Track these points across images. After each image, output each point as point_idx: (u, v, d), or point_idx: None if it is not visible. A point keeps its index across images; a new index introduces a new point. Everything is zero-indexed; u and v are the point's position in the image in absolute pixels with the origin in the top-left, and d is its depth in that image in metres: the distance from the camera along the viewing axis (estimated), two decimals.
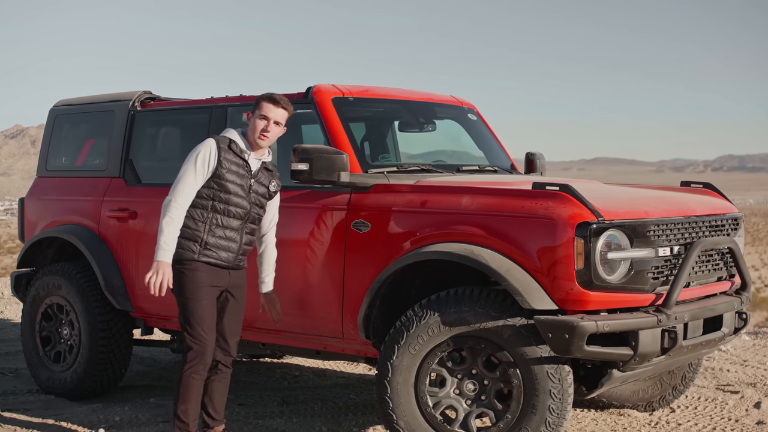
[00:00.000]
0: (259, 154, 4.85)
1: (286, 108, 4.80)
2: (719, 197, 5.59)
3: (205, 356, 4.75)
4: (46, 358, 6.77)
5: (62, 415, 6.13)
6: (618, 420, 5.90)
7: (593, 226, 4.44)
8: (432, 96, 6.35)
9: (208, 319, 4.76)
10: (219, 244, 4.75)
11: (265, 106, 4.75)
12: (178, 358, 8.15)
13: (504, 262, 4.60)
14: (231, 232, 4.77)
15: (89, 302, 6.43)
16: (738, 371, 7.34)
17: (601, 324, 4.42)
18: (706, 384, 6.89)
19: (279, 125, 4.80)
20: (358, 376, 7.43)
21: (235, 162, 4.75)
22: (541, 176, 6.38)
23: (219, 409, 5.03)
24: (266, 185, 4.89)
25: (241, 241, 4.82)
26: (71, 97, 7.21)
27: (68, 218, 6.76)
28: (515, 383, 4.62)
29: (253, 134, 4.77)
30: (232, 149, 4.75)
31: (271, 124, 4.75)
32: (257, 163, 4.86)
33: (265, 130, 4.74)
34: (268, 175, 4.92)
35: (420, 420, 4.81)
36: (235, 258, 4.83)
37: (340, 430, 5.76)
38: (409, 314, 4.81)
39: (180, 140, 6.47)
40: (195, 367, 4.74)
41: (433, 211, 4.94)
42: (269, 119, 4.75)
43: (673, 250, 4.74)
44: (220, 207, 4.73)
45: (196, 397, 4.79)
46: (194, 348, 4.74)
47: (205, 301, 4.76)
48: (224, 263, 4.79)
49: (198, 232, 4.72)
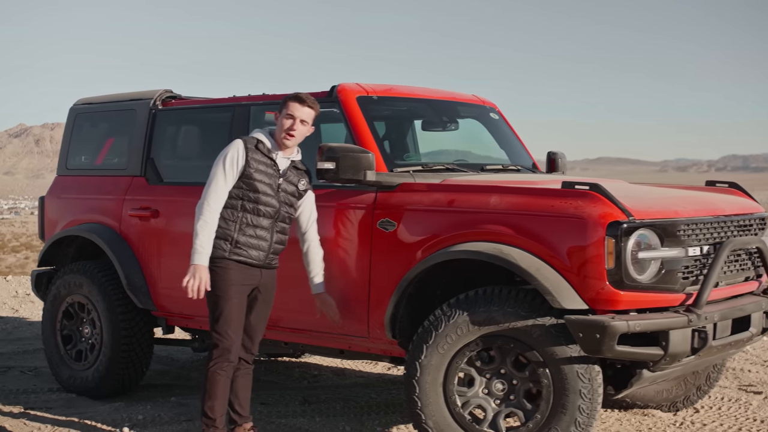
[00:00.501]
0: (287, 153, 4.88)
1: (312, 107, 4.84)
2: (745, 197, 5.57)
3: (231, 354, 4.79)
4: (67, 356, 6.77)
5: (85, 413, 6.13)
6: (642, 420, 5.88)
7: (624, 225, 4.42)
8: (454, 95, 6.34)
9: (236, 318, 4.80)
10: (249, 243, 4.78)
11: (292, 105, 4.80)
12: (197, 357, 8.16)
13: (534, 262, 4.58)
14: (261, 231, 4.80)
15: (111, 301, 6.43)
16: (759, 371, 7.32)
17: (632, 324, 4.40)
18: (728, 384, 6.87)
19: (305, 124, 4.84)
20: (377, 375, 7.42)
21: (263, 162, 4.79)
22: (563, 175, 6.35)
23: (245, 406, 5.05)
24: (295, 184, 4.92)
25: (271, 240, 4.85)
26: (91, 96, 7.21)
27: (89, 217, 6.75)
28: (545, 383, 4.60)
29: (279, 133, 4.83)
30: (259, 149, 4.80)
31: (297, 122, 4.79)
32: (286, 162, 4.89)
33: (291, 129, 4.79)
34: (297, 173, 4.95)
35: (448, 419, 4.79)
36: (265, 257, 4.86)
37: (363, 429, 5.75)
38: (438, 314, 4.80)
39: (202, 139, 6.46)
40: (220, 364, 4.78)
41: (461, 210, 4.92)
42: (295, 118, 4.79)
43: (702, 250, 4.71)
44: (250, 206, 4.77)
45: (223, 393, 4.81)
46: (220, 345, 4.78)
47: (235, 300, 4.78)
48: (255, 262, 4.82)
49: (228, 231, 4.77)
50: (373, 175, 5.16)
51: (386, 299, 5.09)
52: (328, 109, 5.61)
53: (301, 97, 4.81)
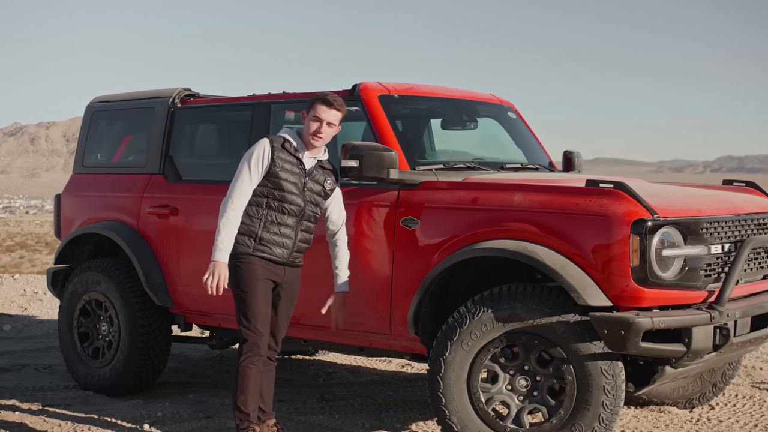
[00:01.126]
0: (314, 153, 4.93)
1: (340, 109, 4.89)
2: (763, 195, 5.62)
3: (260, 348, 4.83)
4: (84, 354, 6.79)
5: (104, 410, 6.16)
6: (659, 417, 5.93)
7: (648, 223, 4.47)
8: (473, 94, 6.38)
9: (263, 312, 4.84)
10: (273, 240, 4.83)
11: (319, 108, 4.85)
12: (210, 354, 8.19)
13: (558, 259, 4.63)
14: (286, 229, 4.85)
15: (129, 298, 6.46)
16: None
17: (656, 320, 4.44)
18: (741, 382, 6.92)
19: (332, 126, 4.89)
20: (392, 373, 7.46)
21: (289, 161, 4.83)
22: (582, 174, 6.40)
23: (268, 402, 5.06)
24: (321, 183, 4.95)
25: (295, 238, 4.89)
26: (108, 94, 7.23)
27: (106, 214, 6.78)
28: (568, 379, 4.65)
29: (307, 135, 4.87)
30: (285, 148, 4.84)
31: (324, 125, 4.84)
32: (312, 162, 4.93)
33: (318, 132, 4.84)
34: (323, 173, 4.98)
35: (472, 415, 4.83)
36: (289, 255, 4.90)
37: (382, 426, 5.79)
38: (462, 310, 4.84)
39: (222, 137, 6.49)
40: (251, 358, 4.80)
41: (485, 208, 4.96)
42: (322, 121, 4.84)
43: (724, 248, 4.76)
44: (275, 204, 4.81)
45: (254, 388, 4.84)
46: (249, 340, 4.81)
47: (261, 295, 4.83)
48: (278, 259, 4.86)
49: (253, 227, 4.82)
50: (396, 173, 5.19)
51: (409, 296, 5.13)
52: (349, 108, 5.66)
53: (328, 100, 4.85)
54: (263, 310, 4.84)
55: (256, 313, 4.81)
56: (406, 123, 5.87)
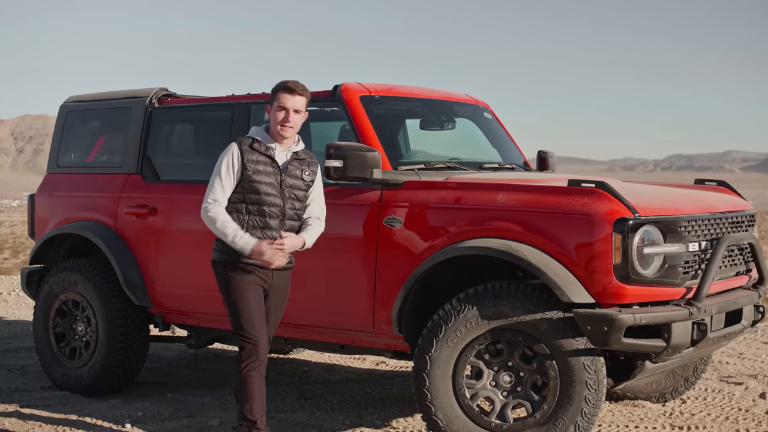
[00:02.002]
0: (286, 145, 4.76)
1: (303, 94, 4.72)
2: (734, 194, 5.77)
3: (260, 353, 4.70)
4: (60, 354, 6.77)
5: (83, 410, 6.15)
6: (633, 411, 6.06)
7: (630, 222, 4.59)
8: (450, 95, 6.47)
9: (256, 317, 4.71)
10: None
11: (282, 96, 4.68)
12: (184, 354, 8.20)
13: (542, 257, 4.73)
14: (269, 232, 4.69)
15: (107, 298, 6.45)
16: (737, 363, 7.56)
17: (638, 317, 4.57)
18: (709, 376, 7.09)
19: (299, 113, 4.71)
20: (367, 370, 7.52)
21: (261, 161, 4.68)
22: (559, 174, 6.51)
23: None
24: (300, 176, 4.78)
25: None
26: (82, 93, 7.21)
27: (83, 215, 6.76)
28: (552, 375, 4.75)
29: (275, 127, 4.70)
30: (254, 149, 4.69)
31: (291, 113, 4.67)
32: (287, 155, 4.76)
33: (285, 121, 4.67)
34: (299, 164, 4.79)
35: (458, 411, 4.92)
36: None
37: (363, 423, 5.85)
38: (447, 308, 4.92)
39: (201, 137, 6.51)
40: (251, 364, 4.68)
41: (468, 207, 5.04)
42: (288, 109, 4.67)
43: (701, 246, 4.90)
44: (254, 208, 4.66)
45: (259, 394, 4.71)
46: (247, 347, 4.69)
47: (252, 300, 4.71)
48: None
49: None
50: (379, 173, 5.26)
51: (392, 294, 5.20)
52: (330, 108, 5.73)
53: (289, 87, 4.68)
54: (257, 315, 4.71)
55: (249, 318, 4.69)
56: (386, 123, 5.93)
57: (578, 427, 4.74)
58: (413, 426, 5.77)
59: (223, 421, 5.86)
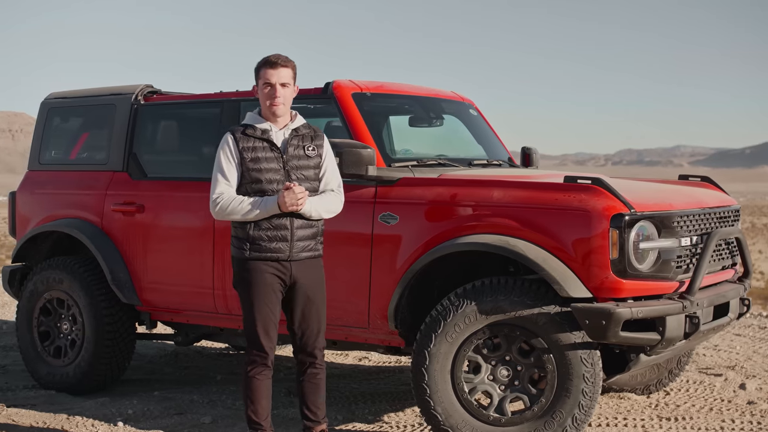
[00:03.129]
0: (281, 123, 4.54)
1: (287, 65, 4.49)
2: (718, 190, 5.90)
3: (267, 359, 4.59)
4: (45, 353, 6.71)
5: (72, 409, 6.11)
6: (620, 403, 6.17)
7: (626, 217, 4.68)
8: (437, 92, 6.52)
9: (267, 322, 4.53)
10: (268, 236, 4.45)
11: (266, 72, 4.47)
12: (164, 351, 8.17)
13: (540, 253, 4.80)
14: (278, 220, 4.43)
15: (94, 296, 6.41)
16: (714, 355, 7.72)
17: (635, 310, 4.66)
18: (689, 368, 7.22)
19: (287, 86, 4.49)
20: (351, 366, 7.56)
21: (258, 147, 4.47)
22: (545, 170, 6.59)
23: (314, 410, 4.73)
24: (303, 154, 4.53)
25: (292, 227, 4.46)
26: (64, 90, 7.15)
27: (67, 212, 6.71)
28: (549, 368, 4.83)
29: (264, 105, 4.50)
30: (248, 134, 4.49)
31: (277, 88, 4.45)
32: (284, 134, 4.53)
33: (273, 96, 4.45)
34: (300, 140, 4.54)
35: (456, 405, 4.98)
36: (290, 247, 4.48)
37: (355, 418, 5.89)
38: (446, 303, 4.97)
39: (189, 134, 6.46)
40: (255, 368, 4.59)
41: (464, 203, 5.10)
42: (273, 84, 4.45)
43: (692, 240, 5.01)
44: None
45: (264, 395, 4.62)
46: (253, 350, 4.59)
47: (265, 306, 4.51)
48: (280, 255, 4.47)
49: (244, 229, 4.48)
50: (374, 170, 5.29)
51: (389, 291, 5.24)
52: (323, 106, 5.76)
53: (270, 60, 4.47)
54: (267, 320, 4.53)
55: (258, 323, 4.52)
56: (377, 120, 5.97)
57: (575, 420, 4.82)
58: (405, 420, 5.82)
59: (215, 418, 5.87)
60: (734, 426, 5.63)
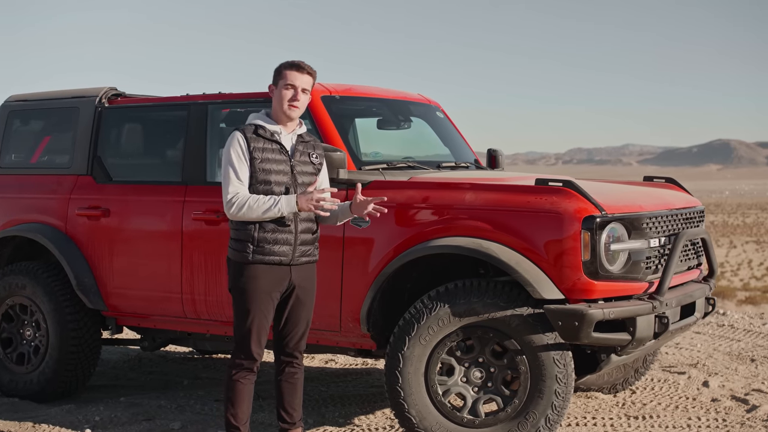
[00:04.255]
0: (290, 128, 4.55)
1: (312, 73, 4.54)
2: (682, 191, 5.99)
3: (253, 366, 4.57)
4: (7, 360, 6.60)
5: (38, 417, 6.02)
6: (587, 402, 6.24)
7: (598, 219, 4.73)
8: (404, 94, 6.54)
9: (260, 330, 4.51)
10: (273, 239, 4.41)
11: (290, 74, 4.47)
12: (127, 356, 8.08)
13: (513, 255, 4.83)
14: (283, 224, 4.42)
15: (58, 302, 6.32)
16: (676, 354, 7.83)
17: (607, 311, 4.72)
18: (652, 367, 7.32)
19: (306, 93, 4.52)
20: (317, 369, 7.55)
21: (268, 148, 4.45)
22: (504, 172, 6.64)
23: (290, 411, 4.73)
24: (309, 160, 4.57)
25: (296, 231, 4.46)
26: (24, 93, 7.04)
27: (29, 217, 6.60)
28: (522, 369, 4.86)
29: (281, 106, 4.47)
30: (260, 135, 4.46)
31: (299, 92, 4.47)
32: (292, 139, 4.55)
33: (294, 99, 4.46)
34: (306, 147, 4.59)
35: (430, 408, 5.00)
36: (293, 251, 4.47)
37: (325, 421, 5.88)
38: (419, 306, 4.98)
39: (155, 137, 6.40)
40: (240, 373, 4.56)
41: (436, 206, 5.11)
42: (296, 87, 4.46)
43: (660, 241, 5.08)
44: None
45: (245, 399, 4.59)
46: (240, 356, 4.56)
47: (261, 313, 4.48)
48: (283, 259, 4.45)
49: (248, 231, 4.42)
50: (345, 174, 5.29)
51: (361, 293, 5.24)
52: None
53: (298, 64, 4.49)
54: (260, 329, 4.50)
55: (250, 330, 4.49)
56: (346, 124, 5.97)
57: (549, 420, 4.87)
58: (376, 423, 5.82)
59: (184, 424, 5.82)
60: (700, 423, 5.72)
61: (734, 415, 5.91)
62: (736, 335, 8.78)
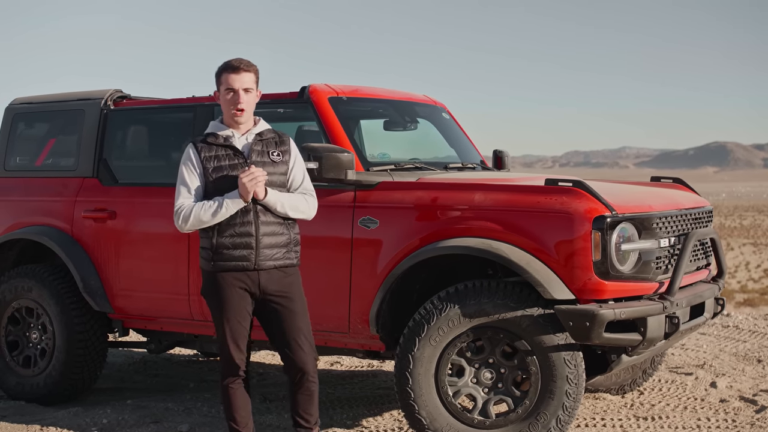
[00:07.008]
0: (244, 129, 4.39)
1: (249, 69, 4.34)
2: (690, 191, 5.98)
3: (239, 370, 4.50)
4: (13, 363, 6.58)
5: (45, 420, 6.00)
6: (596, 403, 6.22)
7: (608, 219, 4.72)
8: (410, 96, 6.53)
9: (236, 335, 4.42)
10: (233, 243, 4.30)
11: (228, 77, 4.30)
12: (131, 359, 8.07)
13: (523, 255, 4.82)
14: (243, 227, 4.29)
15: (65, 304, 6.30)
16: (682, 355, 7.82)
17: (618, 311, 4.70)
18: (659, 368, 7.30)
19: (250, 91, 4.33)
20: (324, 371, 7.52)
21: (219, 155, 4.33)
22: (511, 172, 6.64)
23: (307, 417, 4.61)
24: (268, 159, 4.37)
25: (257, 234, 4.30)
26: (29, 95, 7.02)
27: (35, 219, 6.59)
28: (533, 370, 4.85)
29: (227, 113, 4.34)
30: (210, 143, 4.35)
31: (240, 93, 4.29)
32: (247, 139, 4.39)
33: (236, 102, 4.29)
34: (263, 146, 4.39)
35: (441, 409, 4.98)
36: (255, 255, 4.31)
37: (333, 423, 5.86)
38: (429, 307, 4.97)
39: (161, 139, 6.39)
40: (229, 380, 4.52)
41: (445, 206, 5.10)
42: (236, 90, 4.29)
43: (670, 241, 5.07)
44: None
45: (241, 403, 4.55)
46: (224, 363, 4.52)
47: (234, 319, 4.40)
48: (245, 264, 4.32)
49: (207, 238, 4.35)
50: (353, 174, 5.28)
51: (370, 295, 5.23)
52: (300, 110, 5.73)
53: (232, 65, 4.31)
54: (236, 333, 4.42)
55: (228, 336, 4.42)
56: (353, 125, 5.96)
57: (559, 421, 4.85)
58: (384, 425, 5.80)
59: (192, 426, 5.80)
60: (710, 424, 5.71)
61: (744, 415, 5.90)
62: (741, 336, 8.77)
